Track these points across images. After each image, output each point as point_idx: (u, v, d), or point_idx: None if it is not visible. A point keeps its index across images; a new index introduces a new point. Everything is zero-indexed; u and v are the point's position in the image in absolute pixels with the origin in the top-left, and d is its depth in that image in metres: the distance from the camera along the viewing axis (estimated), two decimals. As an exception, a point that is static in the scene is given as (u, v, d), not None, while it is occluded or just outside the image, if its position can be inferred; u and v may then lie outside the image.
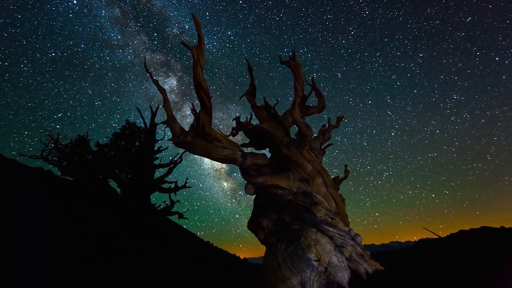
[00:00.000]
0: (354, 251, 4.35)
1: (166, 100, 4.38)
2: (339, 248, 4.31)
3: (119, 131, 11.83)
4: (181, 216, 14.66)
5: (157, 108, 13.53)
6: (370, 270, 4.23)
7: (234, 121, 6.85)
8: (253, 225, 5.10)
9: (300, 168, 5.48)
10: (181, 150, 14.69)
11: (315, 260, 3.92)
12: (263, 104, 6.80)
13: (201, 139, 4.20)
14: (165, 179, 12.78)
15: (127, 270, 6.25)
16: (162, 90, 4.39)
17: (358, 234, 4.54)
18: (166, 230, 14.81)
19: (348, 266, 4.18)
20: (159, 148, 13.62)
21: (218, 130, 4.67)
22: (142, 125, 12.42)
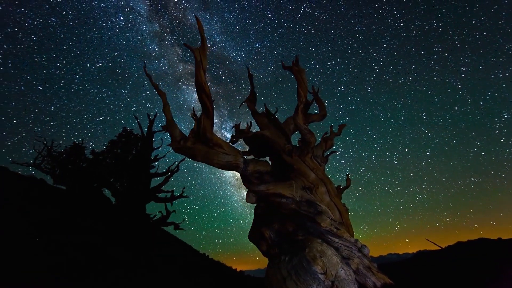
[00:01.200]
0: (361, 263, 4.14)
1: (166, 104, 4.24)
2: (345, 260, 4.10)
3: (116, 138, 11.61)
4: (176, 226, 14.25)
5: (155, 116, 13.37)
6: (378, 284, 4.01)
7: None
8: (255, 235, 4.87)
9: (302, 176, 5.31)
10: (178, 159, 14.46)
11: (322, 273, 3.69)
12: (264, 111, 6.70)
13: (202, 145, 4.04)
14: (161, 188, 12.47)
15: (120, 283, 5.92)
16: (162, 94, 4.26)
17: (365, 245, 4.34)
18: (161, 241, 14.34)
19: (356, 279, 3.96)
20: (155, 156, 13.36)
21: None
22: (141, 133, 12.21)
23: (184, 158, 14.78)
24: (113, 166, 11.07)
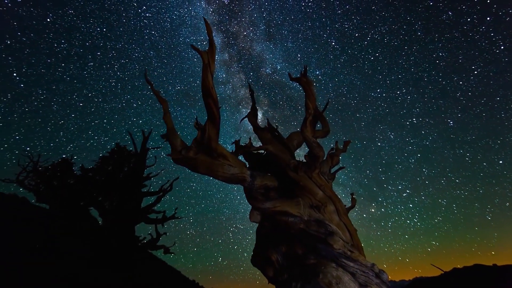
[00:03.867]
0: (381, 291, 3.69)
1: (166, 112, 3.95)
2: (363, 287, 3.66)
3: (108, 154, 11.09)
4: (167, 250, 13.34)
5: (150, 132, 12.99)
6: (401, 315, 3.55)
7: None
8: (259, 259, 4.39)
9: (309, 194, 4.95)
10: (173, 175, 13.89)
11: (339, 303, 3.24)
12: (267, 126, 6.45)
13: (205, 155, 3.69)
14: (153, 208, 11.76)
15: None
16: (163, 101, 3.99)
17: (383, 271, 3.91)
18: (149, 267, 13.35)
19: (376, 310, 3.49)
20: (148, 174, 12.80)
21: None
22: (134, 149, 11.73)
23: (178, 177, 14.23)
24: (102, 183, 10.45)
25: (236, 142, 6.28)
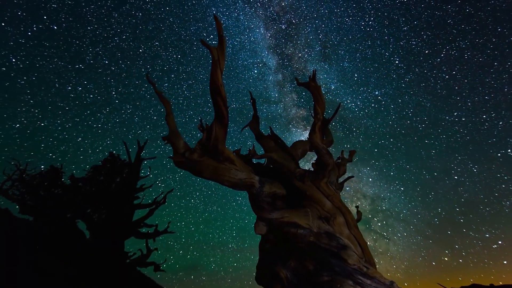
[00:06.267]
0: (401, 312, 3.35)
1: (169, 113, 3.70)
2: (382, 308, 3.31)
3: (100, 163, 10.62)
4: (157, 268, 12.59)
5: (145, 142, 12.61)
6: None
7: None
8: (265, 276, 4.00)
9: (317, 204, 4.65)
10: (166, 187, 13.36)
11: (359, 327, 2.88)
12: (270, 134, 6.23)
13: (210, 158, 3.40)
14: (144, 221, 11.15)
15: None
16: (165, 102, 3.75)
17: (403, 289, 3.58)
18: (137, 286, 12.51)
19: (399, 335, 3.13)
20: (141, 186, 12.28)
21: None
22: (128, 159, 11.28)
23: (172, 190, 13.71)
24: (93, 194, 9.89)
25: (237, 151, 6.01)
